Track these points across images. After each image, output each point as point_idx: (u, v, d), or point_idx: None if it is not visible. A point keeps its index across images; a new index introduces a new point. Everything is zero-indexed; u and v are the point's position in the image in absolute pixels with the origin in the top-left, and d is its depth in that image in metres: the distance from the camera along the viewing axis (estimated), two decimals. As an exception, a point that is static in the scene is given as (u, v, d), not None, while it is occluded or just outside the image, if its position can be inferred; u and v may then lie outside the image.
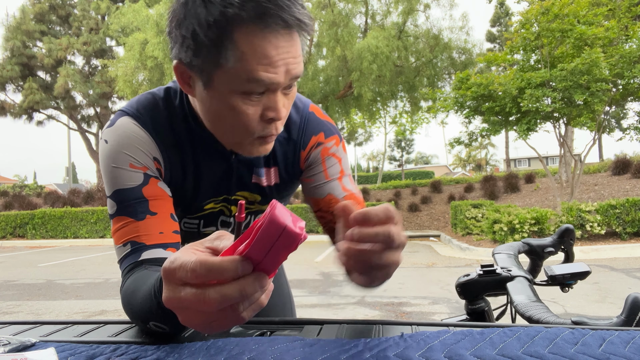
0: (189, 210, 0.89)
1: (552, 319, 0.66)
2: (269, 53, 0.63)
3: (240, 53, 0.63)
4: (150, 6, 15.81)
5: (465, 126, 10.91)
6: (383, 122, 30.65)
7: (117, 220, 0.74)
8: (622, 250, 7.62)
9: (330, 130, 0.91)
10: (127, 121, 0.78)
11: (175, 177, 0.83)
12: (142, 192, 0.75)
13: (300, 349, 0.52)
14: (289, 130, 0.88)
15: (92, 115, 24.87)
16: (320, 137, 0.89)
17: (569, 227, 0.97)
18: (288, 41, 0.65)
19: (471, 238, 10.01)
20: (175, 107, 0.81)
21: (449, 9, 16.12)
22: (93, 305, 5.02)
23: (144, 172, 0.76)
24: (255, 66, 0.64)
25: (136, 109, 0.79)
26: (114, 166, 0.75)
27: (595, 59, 8.21)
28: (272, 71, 0.65)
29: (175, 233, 0.76)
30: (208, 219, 0.92)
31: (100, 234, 13.61)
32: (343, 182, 0.90)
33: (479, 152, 59.31)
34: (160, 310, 0.55)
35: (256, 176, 0.88)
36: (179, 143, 0.81)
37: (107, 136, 0.77)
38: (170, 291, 0.43)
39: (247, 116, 0.69)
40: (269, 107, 0.69)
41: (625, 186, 11.32)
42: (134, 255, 0.71)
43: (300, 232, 0.39)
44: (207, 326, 0.44)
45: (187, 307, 0.43)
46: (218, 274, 0.40)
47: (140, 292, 0.60)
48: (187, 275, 0.41)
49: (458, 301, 4.60)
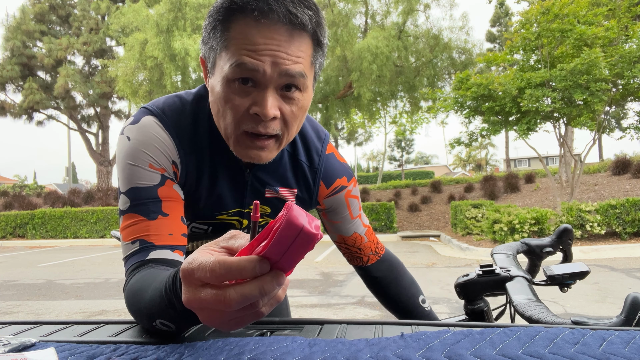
0: (199, 216, 0.89)
1: (552, 319, 0.66)
2: (256, 41, 0.65)
3: (231, 38, 0.67)
4: (150, 6, 15.81)
5: (465, 126, 10.92)
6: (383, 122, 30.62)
7: (128, 217, 0.75)
8: (622, 250, 7.62)
9: (350, 174, 0.97)
10: (151, 121, 0.78)
11: (190, 184, 0.83)
12: (157, 192, 0.75)
13: (300, 349, 0.52)
14: (310, 157, 0.90)
15: (92, 115, 24.86)
16: (344, 181, 0.95)
17: (567, 227, 0.97)
18: (282, 36, 0.66)
19: (471, 238, 10.01)
20: (201, 113, 0.82)
21: (449, 9, 16.15)
22: (93, 305, 5.01)
23: (162, 173, 0.77)
24: (240, 50, 0.66)
25: (162, 109, 0.80)
26: (133, 164, 0.75)
27: (594, 58, 8.21)
28: (255, 57, 0.66)
29: (184, 236, 0.77)
30: (218, 227, 0.93)
31: (100, 234, 13.61)
32: (362, 219, 1.03)
33: (479, 152, 59.30)
34: (170, 309, 0.55)
35: (270, 192, 0.89)
36: (199, 150, 0.81)
37: (129, 133, 0.77)
38: (190, 292, 0.44)
39: (234, 106, 0.69)
40: (256, 101, 0.68)
41: (625, 186, 11.32)
42: (141, 254, 0.72)
43: (316, 232, 0.39)
44: (226, 324, 0.44)
45: (207, 307, 0.43)
46: (237, 273, 0.40)
47: (149, 290, 0.60)
48: (206, 275, 0.41)
49: (458, 301, 4.60)
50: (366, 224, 1.04)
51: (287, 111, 0.71)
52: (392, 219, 12.79)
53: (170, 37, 13.70)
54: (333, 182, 0.93)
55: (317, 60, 0.74)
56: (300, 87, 0.70)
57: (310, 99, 0.76)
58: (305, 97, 0.73)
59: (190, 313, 0.52)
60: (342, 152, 1.10)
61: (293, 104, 0.71)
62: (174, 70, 14.11)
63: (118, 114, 25.22)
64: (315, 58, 0.73)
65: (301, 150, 0.89)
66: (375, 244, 1.06)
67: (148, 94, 15.16)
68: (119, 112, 25.18)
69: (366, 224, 1.04)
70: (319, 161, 0.91)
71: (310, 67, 0.72)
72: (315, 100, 15.84)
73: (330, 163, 0.93)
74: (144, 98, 15.24)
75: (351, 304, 4.71)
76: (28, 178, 79.27)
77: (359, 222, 1.01)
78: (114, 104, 24.51)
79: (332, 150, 0.94)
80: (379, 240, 1.08)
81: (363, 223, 1.03)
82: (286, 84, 0.69)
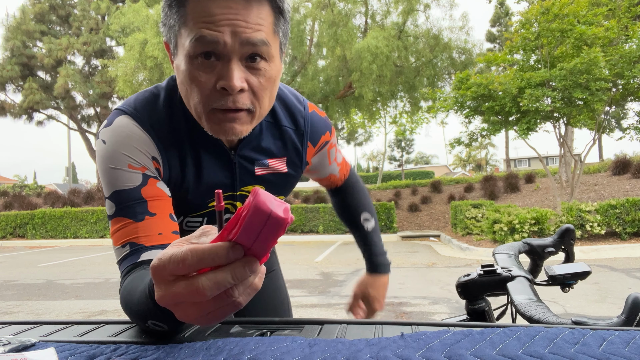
0: (191, 208, 0.88)
1: (553, 319, 0.66)
2: (212, 12, 0.65)
3: (187, 13, 0.66)
4: (150, 6, 15.82)
5: (465, 126, 10.92)
6: (383, 122, 30.66)
7: (116, 221, 0.74)
8: (622, 250, 7.62)
9: (329, 125, 0.98)
10: (124, 120, 0.77)
11: (175, 176, 0.81)
12: (140, 193, 0.74)
13: (300, 349, 0.52)
14: (295, 121, 0.89)
15: (92, 115, 24.87)
16: (327, 136, 0.97)
17: (570, 227, 0.96)
18: (239, 4, 0.65)
19: (471, 238, 10.00)
20: (174, 104, 0.80)
21: (449, 9, 16.13)
22: (93, 305, 5.01)
23: (143, 172, 0.75)
24: (198, 24, 0.65)
25: (134, 107, 0.78)
26: (112, 167, 0.74)
27: (594, 58, 8.21)
28: (214, 29, 0.65)
29: (175, 233, 0.76)
30: (212, 217, 0.91)
31: (100, 234, 13.61)
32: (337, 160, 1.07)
33: (479, 152, 59.31)
34: (156, 309, 0.54)
35: (260, 168, 0.87)
36: (178, 141, 0.80)
37: (104, 136, 0.76)
38: (163, 289, 0.43)
39: (200, 83, 0.68)
40: (222, 75, 0.67)
41: (625, 186, 11.32)
42: (133, 257, 0.71)
43: (285, 216, 0.39)
44: (204, 318, 0.43)
45: (182, 300, 0.42)
46: (210, 260, 0.39)
47: (137, 291, 0.60)
48: (178, 266, 0.40)
49: (458, 301, 4.60)
50: (339, 162, 1.08)
51: (254, 82, 0.69)
52: (392, 219, 12.79)
53: (170, 37, 13.69)
54: (319, 139, 0.95)
55: (279, 28, 0.71)
56: (265, 56, 0.69)
57: (280, 70, 0.74)
58: (272, 67, 0.71)
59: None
60: (342, 152, 1.16)
61: (260, 75, 0.69)
62: (174, 71, 14.11)
63: (118, 114, 25.20)
64: (278, 26, 0.71)
65: (283, 116, 0.88)
66: (345, 173, 1.13)
67: (148, 94, 15.14)
68: (119, 112, 25.16)
69: (339, 162, 1.08)
70: (304, 123, 0.90)
71: (274, 36, 0.70)
72: (315, 100, 15.83)
73: (314, 121, 0.93)
74: (144, 98, 15.22)
75: (351, 304, 4.70)
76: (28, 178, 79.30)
77: (335, 164, 1.06)
78: (114, 104, 24.49)
79: (312, 108, 0.94)
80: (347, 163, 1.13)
81: (337, 163, 1.07)
82: (250, 53, 0.67)
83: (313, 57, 15.56)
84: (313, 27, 15.18)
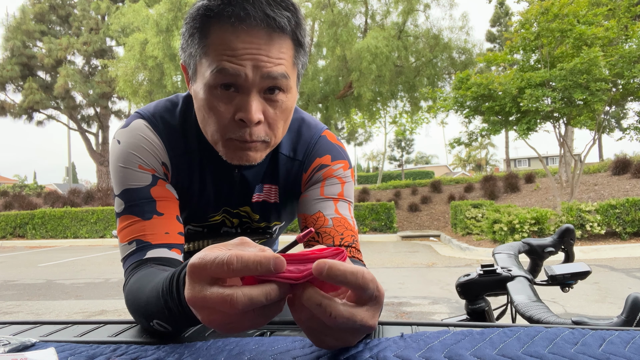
0: (193, 218, 0.90)
1: (552, 319, 0.66)
2: (235, 46, 0.65)
3: (209, 45, 0.66)
4: (150, 6, 15.80)
5: (465, 126, 10.92)
6: (383, 122, 30.63)
7: (124, 218, 0.75)
8: (622, 250, 7.62)
9: (340, 155, 0.87)
10: (141, 124, 0.79)
11: (182, 184, 0.84)
12: (150, 192, 0.76)
13: (300, 349, 0.52)
14: (296, 149, 0.87)
15: (92, 115, 24.84)
16: (326, 160, 0.86)
17: (569, 227, 0.97)
18: (261, 39, 0.66)
19: (471, 238, 10.00)
20: (189, 116, 0.82)
21: (449, 9, 16.14)
22: (93, 305, 5.01)
23: (152, 174, 0.78)
24: (220, 56, 0.66)
25: (152, 113, 0.81)
26: (124, 166, 0.77)
27: (594, 58, 8.21)
28: (236, 62, 0.65)
29: (180, 234, 0.77)
30: (212, 228, 0.94)
31: (100, 234, 13.61)
32: (339, 207, 0.82)
33: (479, 152, 59.30)
34: (166, 310, 0.55)
35: (256, 195, 0.89)
36: (188, 152, 0.82)
37: (120, 136, 0.79)
38: (196, 289, 0.43)
39: (219, 113, 0.69)
40: (240, 107, 0.68)
41: (625, 186, 11.32)
42: (138, 254, 0.72)
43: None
44: (226, 326, 0.44)
45: (211, 306, 0.42)
46: (254, 268, 0.40)
47: (146, 290, 0.60)
48: (222, 269, 0.41)
49: (458, 301, 4.60)
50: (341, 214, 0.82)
51: (270, 114, 0.70)
52: (392, 219, 12.79)
53: (170, 37, 13.71)
54: (312, 163, 0.85)
55: (299, 61, 0.73)
56: (284, 88, 0.70)
57: (295, 100, 0.75)
58: (289, 98, 0.72)
59: (187, 315, 0.52)
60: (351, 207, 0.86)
61: (277, 107, 0.70)
62: (174, 70, 14.12)
63: (118, 114, 25.21)
64: (297, 58, 0.72)
65: (285, 144, 0.86)
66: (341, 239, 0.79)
67: (148, 94, 15.16)
68: (119, 112, 25.18)
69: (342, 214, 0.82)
70: (304, 153, 0.86)
71: (293, 68, 0.71)
72: (315, 100, 15.83)
73: (317, 146, 0.86)
74: (144, 98, 15.24)
75: (351, 304, 4.70)
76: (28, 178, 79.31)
77: (332, 204, 0.82)
78: (114, 104, 24.52)
79: (325, 134, 0.88)
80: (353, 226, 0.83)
81: (337, 209, 0.82)
82: (269, 86, 0.68)
83: (313, 57, 15.55)
84: (313, 27, 15.17)
